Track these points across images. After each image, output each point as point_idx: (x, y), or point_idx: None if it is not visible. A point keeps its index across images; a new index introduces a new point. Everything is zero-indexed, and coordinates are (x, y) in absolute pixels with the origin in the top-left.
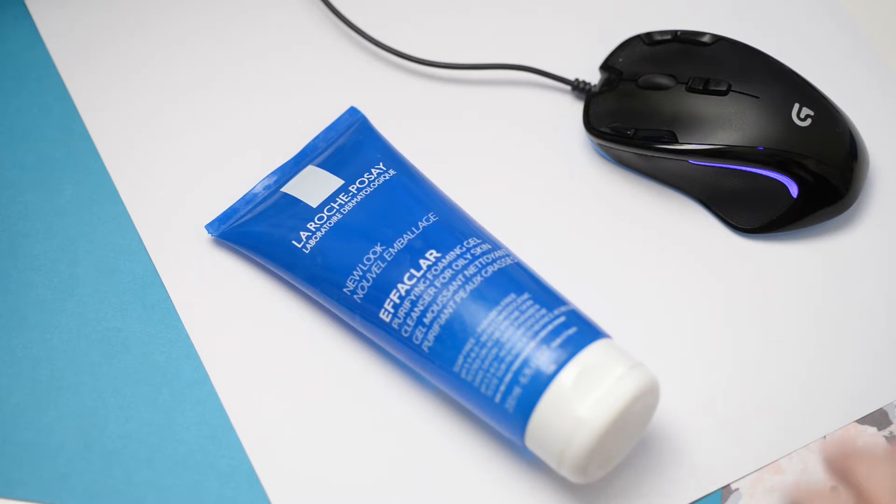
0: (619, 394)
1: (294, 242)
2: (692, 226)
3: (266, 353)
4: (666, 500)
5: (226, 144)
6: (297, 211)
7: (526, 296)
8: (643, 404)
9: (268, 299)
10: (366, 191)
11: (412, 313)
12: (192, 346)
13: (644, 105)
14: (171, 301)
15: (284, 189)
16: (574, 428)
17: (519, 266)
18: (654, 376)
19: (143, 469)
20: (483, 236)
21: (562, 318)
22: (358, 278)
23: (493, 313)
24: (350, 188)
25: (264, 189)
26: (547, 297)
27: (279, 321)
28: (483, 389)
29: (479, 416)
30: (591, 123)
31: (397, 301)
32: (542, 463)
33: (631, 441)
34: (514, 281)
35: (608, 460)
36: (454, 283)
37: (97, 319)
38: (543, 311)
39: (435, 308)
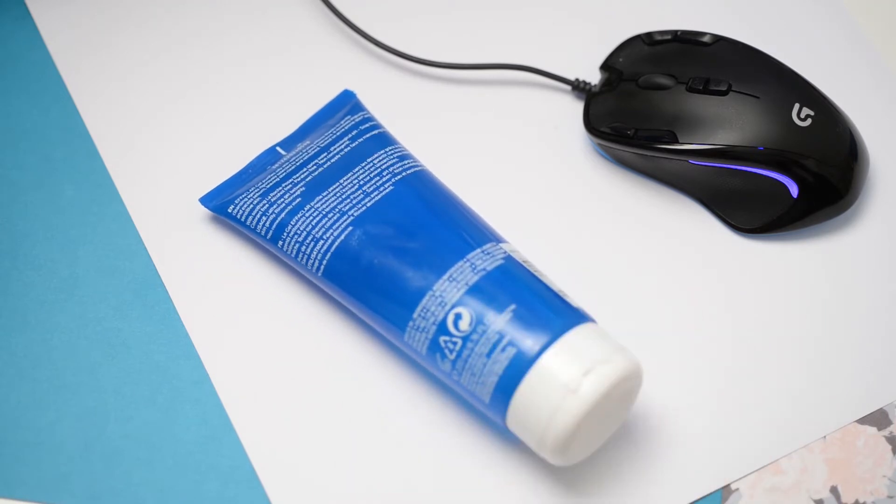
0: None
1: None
2: (692, 226)
3: (266, 353)
4: (666, 500)
5: (226, 144)
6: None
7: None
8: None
9: (268, 301)
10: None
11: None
12: (192, 346)
13: (644, 105)
14: (171, 301)
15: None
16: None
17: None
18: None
19: (143, 469)
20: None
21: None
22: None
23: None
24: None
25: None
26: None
27: (279, 322)
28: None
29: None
30: (592, 123)
31: None
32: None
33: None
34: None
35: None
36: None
37: (97, 319)
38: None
39: None
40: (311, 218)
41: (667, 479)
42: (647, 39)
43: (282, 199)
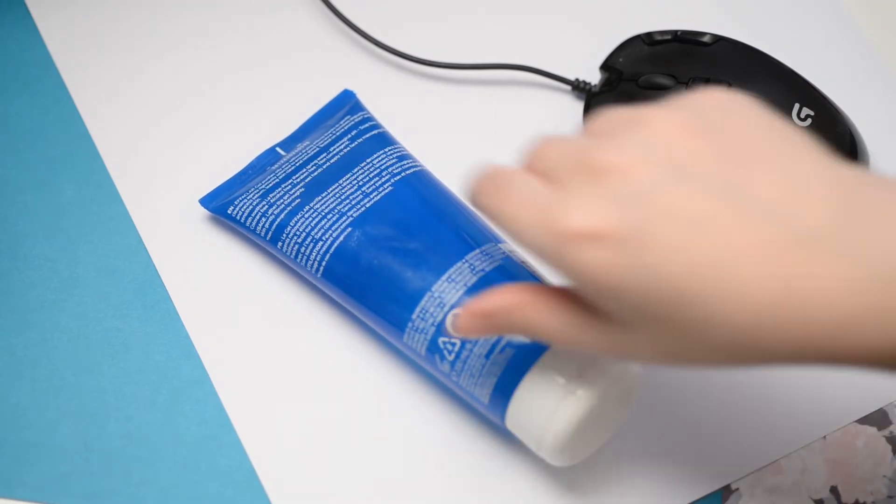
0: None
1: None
2: None
3: (266, 353)
4: (666, 500)
5: (226, 145)
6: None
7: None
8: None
9: (268, 300)
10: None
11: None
12: (192, 346)
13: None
14: (171, 301)
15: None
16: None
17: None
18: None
19: (143, 469)
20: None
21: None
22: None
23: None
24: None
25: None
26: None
27: (279, 323)
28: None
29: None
30: None
31: None
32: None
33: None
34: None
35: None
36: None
37: (97, 319)
38: None
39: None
40: (311, 219)
41: (667, 479)
42: (647, 39)
43: (281, 200)
